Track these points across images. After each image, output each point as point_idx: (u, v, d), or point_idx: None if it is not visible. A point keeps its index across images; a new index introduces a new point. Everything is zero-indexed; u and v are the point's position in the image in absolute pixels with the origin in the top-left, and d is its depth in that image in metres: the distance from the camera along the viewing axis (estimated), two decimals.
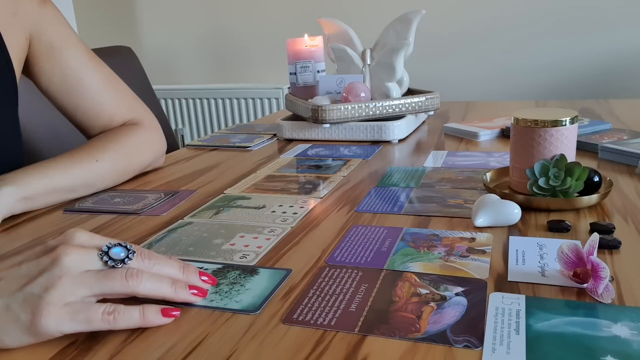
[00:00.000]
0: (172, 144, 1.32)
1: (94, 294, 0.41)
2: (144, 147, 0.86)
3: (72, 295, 0.40)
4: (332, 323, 0.41)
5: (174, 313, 0.43)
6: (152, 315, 0.42)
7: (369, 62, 1.09)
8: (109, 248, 0.43)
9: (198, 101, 2.49)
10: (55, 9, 0.81)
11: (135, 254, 0.43)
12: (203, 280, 0.47)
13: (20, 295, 0.39)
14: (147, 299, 0.43)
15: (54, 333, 0.39)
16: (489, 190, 0.66)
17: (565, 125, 0.63)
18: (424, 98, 1.05)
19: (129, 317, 0.41)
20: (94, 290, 0.41)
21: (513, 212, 0.58)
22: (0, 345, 0.40)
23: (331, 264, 0.51)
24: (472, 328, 0.40)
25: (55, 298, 0.39)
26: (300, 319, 0.42)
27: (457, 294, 0.45)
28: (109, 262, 0.42)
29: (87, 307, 0.40)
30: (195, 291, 0.45)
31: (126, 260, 0.43)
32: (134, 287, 0.42)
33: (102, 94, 0.84)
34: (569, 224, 0.56)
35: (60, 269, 0.40)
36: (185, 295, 0.44)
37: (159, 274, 0.44)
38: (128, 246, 0.43)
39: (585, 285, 0.44)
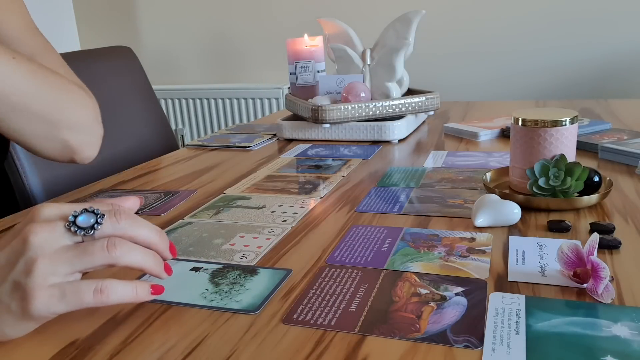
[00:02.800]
0: (172, 144, 1.33)
1: (76, 270, 0.39)
2: (80, 100, 0.67)
3: (54, 274, 0.38)
4: (332, 323, 0.41)
5: (160, 290, 0.43)
6: (144, 292, 0.42)
7: (369, 62, 1.09)
8: (75, 217, 0.40)
9: (198, 101, 2.49)
10: None
11: (104, 217, 0.41)
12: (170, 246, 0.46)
13: (7, 286, 0.38)
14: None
15: (47, 315, 0.39)
16: (489, 190, 0.66)
17: (565, 125, 0.63)
18: (424, 98, 1.05)
19: (123, 293, 0.40)
20: (75, 267, 0.39)
21: (513, 212, 0.58)
22: (4, 337, 0.40)
23: (331, 264, 0.51)
24: (472, 328, 0.40)
25: (38, 281, 0.38)
26: (300, 319, 0.42)
27: (457, 294, 0.45)
28: (78, 231, 0.40)
29: (76, 287, 0.39)
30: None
31: (96, 225, 0.40)
32: (117, 259, 0.40)
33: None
34: (569, 224, 0.56)
35: (33, 251, 0.38)
36: (162, 273, 0.44)
37: (137, 237, 0.42)
38: (95, 210, 0.41)
39: (585, 285, 0.44)
